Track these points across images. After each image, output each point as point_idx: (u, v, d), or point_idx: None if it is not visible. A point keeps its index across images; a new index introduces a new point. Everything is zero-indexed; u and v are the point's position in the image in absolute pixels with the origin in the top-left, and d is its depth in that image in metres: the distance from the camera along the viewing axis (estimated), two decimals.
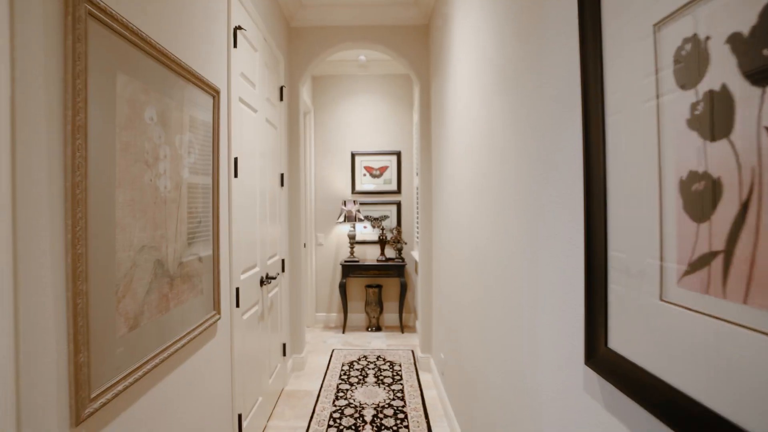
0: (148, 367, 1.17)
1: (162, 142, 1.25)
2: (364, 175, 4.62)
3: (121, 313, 1.06)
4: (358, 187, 4.62)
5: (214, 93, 1.63)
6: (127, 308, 1.08)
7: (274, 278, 2.54)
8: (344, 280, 4.26)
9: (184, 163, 1.40)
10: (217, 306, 1.68)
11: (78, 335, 0.89)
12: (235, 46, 1.91)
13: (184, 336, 1.40)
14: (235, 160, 1.93)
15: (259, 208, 2.40)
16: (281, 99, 2.98)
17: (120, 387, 1.04)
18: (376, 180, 4.63)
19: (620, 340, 0.74)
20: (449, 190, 2.47)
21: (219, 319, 1.69)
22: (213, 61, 1.69)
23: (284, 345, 3.02)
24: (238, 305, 1.95)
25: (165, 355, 1.26)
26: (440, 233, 2.86)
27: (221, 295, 1.76)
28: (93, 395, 0.94)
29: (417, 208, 3.93)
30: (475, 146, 1.82)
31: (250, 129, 2.22)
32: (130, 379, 1.08)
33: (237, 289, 1.94)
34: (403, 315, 4.53)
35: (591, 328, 0.83)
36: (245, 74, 2.12)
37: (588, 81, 0.83)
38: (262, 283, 2.39)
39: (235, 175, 1.93)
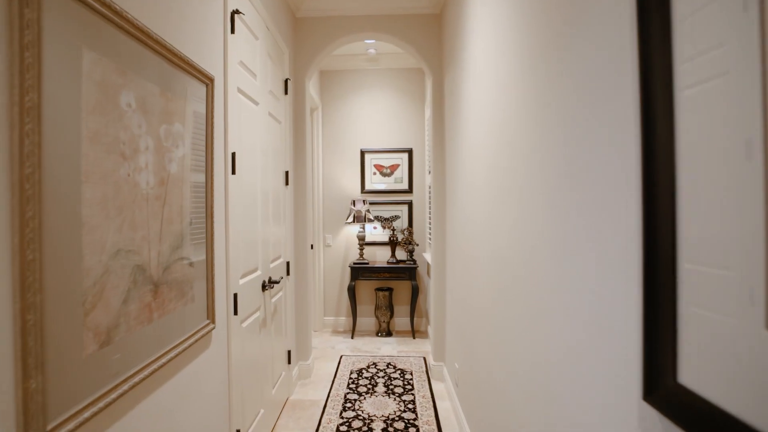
0: (126, 387, 1.03)
1: (143, 132, 1.10)
2: (374, 173, 4.46)
3: (90, 327, 0.92)
4: (367, 186, 4.47)
5: (208, 81, 1.49)
6: (97, 321, 0.94)
7: (278, 282, 2.39)
8: (353, 283, 4.11)
9: (171, 157, 1.25)
10: (211, 314, 1.54)
11: (28, 357, 0.74)
12: (232, 31, 1.77)
13: (171, 349, 1.25)
14: (233, 155, 1.78)
15: (261, 207, 2.25)
16: (286, 93, 2.84)
17: (87, 413, 0.89)
18: (386, 179, 4.46)
19: (696, 377, 0.57)
20: (464, 187, 2.30)
21: (213, 328, 1.55)
22: (207, 46, 1.55)
23: (289, 352, 2.87)
24: (236, 312, 1.81)
25: (147, 371, 1.12)
26: (454, 234, 2.69)
27: (216, 302, 1.62)
28: (50, 426, 0.80)
29: (429, 208, 3.76)
30: (493, 140, 1.65)
31: (251, 123, 2.08)
32: (101, 403, 0.94)
33: (235, 296, 1.80)
34: (415, 319, 4.36)
35: (653, 357, 0.66)
36: (245, 63, 1.97)
37: (650, 51, 0.65)
38: (264, 287, 2.24)
39: (233, 172, 1.78)
